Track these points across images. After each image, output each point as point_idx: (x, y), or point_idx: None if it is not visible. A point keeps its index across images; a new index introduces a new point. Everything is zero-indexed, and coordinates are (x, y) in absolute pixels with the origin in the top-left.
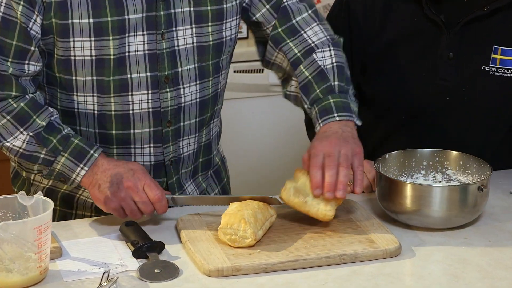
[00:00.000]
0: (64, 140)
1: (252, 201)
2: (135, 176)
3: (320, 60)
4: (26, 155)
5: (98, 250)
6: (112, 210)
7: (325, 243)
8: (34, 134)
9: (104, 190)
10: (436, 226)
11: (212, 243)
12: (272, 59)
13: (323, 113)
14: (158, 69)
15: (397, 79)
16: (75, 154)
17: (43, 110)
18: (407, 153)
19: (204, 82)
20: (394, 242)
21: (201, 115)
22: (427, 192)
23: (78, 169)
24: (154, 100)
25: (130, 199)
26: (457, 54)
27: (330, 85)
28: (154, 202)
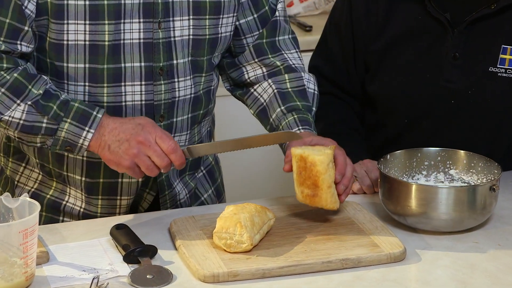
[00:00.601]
0: (64, 105)
1: (249, 204)
2: (145, 130)
3: (306, 81)
4: (27, 126)
5: (87, 254)
6: (127, 169)
7: (326, 247)
8: (32, 103)
9: (115, 150)
10: (443, 229)
11: (208, 247)
12: (242, 64)
13: (304, 122)
14: (153, 60)
15: (400, 79)
16: (78, 117)
17: (38, 78)
18: (410, 153)
19: (197, 77)
20: (398, 246)
21: (193, 111)
22: (434, 193)
23: (84, 133)
24: (147, 92)
25: (143, 154)
26: (463, 55)
27: (310, 106)
28: (169, 154)
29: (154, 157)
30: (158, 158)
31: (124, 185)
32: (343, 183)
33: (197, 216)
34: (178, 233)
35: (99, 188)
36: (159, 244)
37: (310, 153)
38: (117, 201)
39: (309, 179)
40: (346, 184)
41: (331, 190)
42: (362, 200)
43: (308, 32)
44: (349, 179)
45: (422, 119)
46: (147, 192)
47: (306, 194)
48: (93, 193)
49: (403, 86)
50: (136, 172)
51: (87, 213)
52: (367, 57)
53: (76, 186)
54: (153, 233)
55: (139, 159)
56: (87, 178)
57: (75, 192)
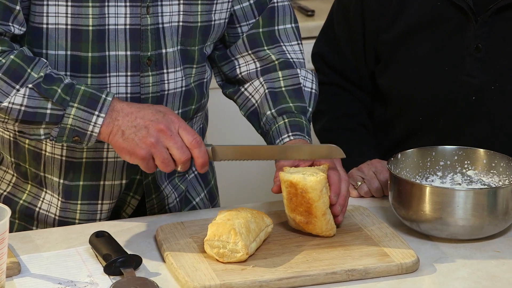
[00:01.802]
0: (69, 89)
1: (245, 209)
2: (167, 118)
3: (302, 78)
4: (30, 114)
5: (64, 265)
6: (141, 159)
7: (331, 257)
8: (34, 86)
9: (130, 137)
10: (460, 237)
11: (198, 257)
12: (235, 57)
13: (294, 128)
14: (140, 48)
15: (415, 73)
16: (86, 101)
17: (37, 61)
18: (423, 152)
19: (187, 68)
20: (411, 256)
21: (184, 106)
22: (450, 197)
23: (94, 118)
24: (133, 84)
25: (162, 145)
26: (486, 46)
27: (305, 107)
28: (192, 148)
29: (174, 149)
30: (179, 151)
31: (106, 188)
32: (339, 203)
33: (187, 222)
34: (165, 241)
35: (78, 192)
36: (144, 254)
37: (300, 180)
38: (98, 206)
39: (301, 206)
40: (342, 203)
41: (326, 217)
42: (370, 204)
43: (310, 17)
44: (345, 197)
45: (439, 117)
46: (131, 196)
47: (299, 221)
48: (71, 197)
49: (419, 80)
50: (149, 164)
51: (63, 221)
52: (379, 47)
53: (53, 190)
54: (138, 241)
55: (156, 150)
56: (65, 181)
57: (51, 197)
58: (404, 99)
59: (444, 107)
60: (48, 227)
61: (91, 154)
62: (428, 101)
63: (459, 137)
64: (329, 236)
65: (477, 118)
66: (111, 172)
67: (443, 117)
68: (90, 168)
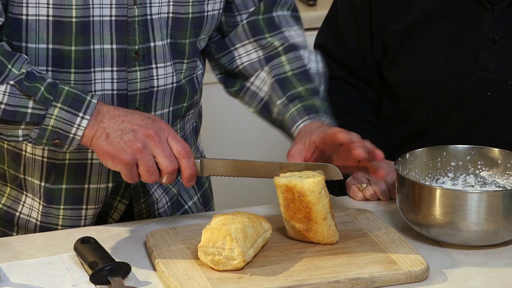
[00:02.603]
0: (52, 88)
1: (242, 213)
2: (156, 124)
3: (307, 60)
4: (10, 112)
5: (47, 274)
6: (125, 165)
7: (334, 264)
8: (15, 83)
9: (115, 140)
10: (473, 243)
11: (191, 265)
12: (234, 46)
13: (309, 111)
14: (127, 42)
15: (426, 66)
16: (69, 102)
17: (18, 57)
18: (433, 151)
19: (178, 63)
20: (420, 263)
21: (176, 103)
22: (462, 200)
23: (78, 120)
24: (120, 80)
25: (149, 151)
26: (503, 38)
27: (315, 88)
28: (180, 158)
29: (162, 157)
30: (166, 159)
31: (91, 192)
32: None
33: (179, 228)
34: (156, 248)
35: (61, 196)
36: (133, 261)
37: (297, 182)
38: (82, 211)
39: (299, 212)
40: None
41: (327, 222)
42: (377, 208)
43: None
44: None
45: (451, 114)
46: (117, 200)
47: (298, 230)
48: (53, 201)
49: (430, 74)
50: (133, 172)
51: (45, 227)
52: (387, 38)
53: (33, 193)
54: (126, 248)
55: (142, 156)
56: (47, 184)
57: (32, 201)
58: (413, 94)
59: (457, 103)
60: (29, 233)
61: (75, 156)
62: (440, 97)
63: (472, 135)
64: (331, 243)
65: (492, 115)
66: (96, 174)
67: (455, 113)
68: (73, 170)
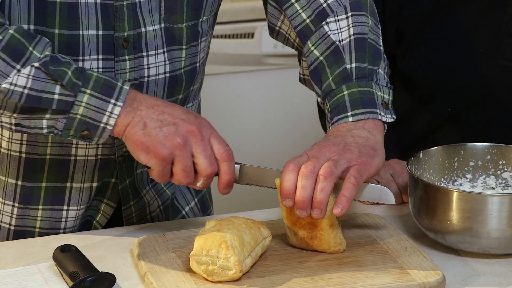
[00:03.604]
0: (80, 73)
1: (238, 218)
2: (200, 120)
3: (334, 34)
4: (34, 98)
5: (23, 285)
6: (160, 160)
7: (340, 275)
8: (40, 65)
9: (154, 131)
10: (494, 251)
11: (183, 275)
12: (277, 26)
13: (334, 112)
14: (114, 28)
15: (444, 55)
16: (100, 88)
17: (39, 39)
18: (450, 150)
19: (174, 51)
20: (435, 274)
21: (170, 95)
22: (482, 203)
23: (110, 107)
24: (107, 69)
25: (189, 149)
26: None
27: (345, 69)
28: (222, 160)
29: (201, 157)
30: (207, 160)
31: (74, 192)
32: (297, 207)
33: (169, 234)
34: (143, 257)
35: (40, 195)
36: (118, 272)
37: None
38: (63, 212)
39: (303, 218)
40: (301, 206)
41: (334, 229)
42: (387, 212)
43: None
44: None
45: (470, 108)
46: (104, 202)
47: (301, 237)
48: (31, 202)
49: (448, 63)
50: (166, 170)
51: (20, 231)
52: (401, 24)
53: (5, 195)
54: (111, 257)
55: (181, 153)
56: (24, 182)
57: (1, 205)
58: (430, 86)
59: (478, 97)
60: (1, 241)
61: (57, 150)
62: (459, 89)
63: (493, 132)
64: (338, 252)
65: None
66: (80, 172)
67: (475, 108)
68: (55, 167)
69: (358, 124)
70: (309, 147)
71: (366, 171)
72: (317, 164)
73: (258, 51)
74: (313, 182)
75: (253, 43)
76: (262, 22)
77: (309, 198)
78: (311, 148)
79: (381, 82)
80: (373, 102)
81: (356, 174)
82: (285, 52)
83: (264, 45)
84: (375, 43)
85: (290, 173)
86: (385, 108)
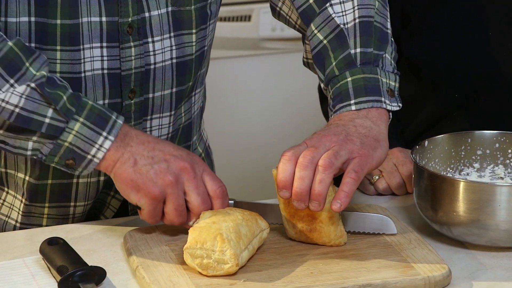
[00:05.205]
0: (75, 99)
1: (234, 210)
2: (192, 157)
3: (339, 16)
4: (24, 118)
5: (8, 280)
6: (151, 199)
7: (341, 269)
8: (37, 86)
9: (144, 168)
10: (502, 244)
11: (176, 269)
12: (277, 6)
13: (337, 100)
14: (118, 13)
15: (451, 39)
16: (93, 118)
17: (37, 56)
18: (456, 138)
19: (182, 35)
20: (441, 268)
21: (180, 84)
22: (490, 194)
23: (101, 139)
24: (112, 58)
25: (181, 187)
26: None
27: (349, 54)
28: (215, 197)
29: (194, 195)
30: (199, 198)
31: (81, 187)
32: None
33: (162, 227)
34: (135, 250)
35: (46, 192)
36: (108, 265)
37: None
38: (70, 209)
39: (302, 210)
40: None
41: (334, 221)
42: (390, 203)
43: None
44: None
45: (478, 95)
46: (111, 195)
47: (299, 230)
48: (37, 199)
49: (455, 48)
50: (157, 210)
51: (26, 229)
52: (407, 7)
53: (16, 189)
54: (100, 250)
55: (173, 191)
56: (31, 178)
57: (13, 199)
58: (435, 72)
59: (486, 83)
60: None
61: None
62: (466, 75)
63: (502, 120)
64: (338, 245)
65: None
66: None
67: (484, 94)
68: None
69: (361, 113)
70: (309, 136)
71: (367, 164)
72: (316, 154)
73: (256, 34)
74: (312, 173)
75: (250, 26)
76: (260, 4)
77: (307, 189)
78: (310, 137)
79: (387, 68)
80: (377, 90)
81: (357, 168)
82: (284, 36)
83: (261, 29)
84: (382, 26)
85: (288, 163)
86: (391, 95)
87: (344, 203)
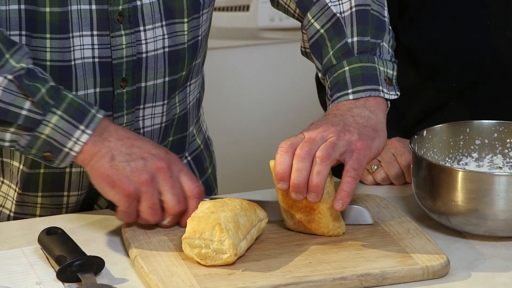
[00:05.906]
0: (55, 92)
1: (233, 200)
2: (170, 156)
3: (335, 5)
4: (1, 110)
5: (6, 270)
6: (125, 196)
7: (339, 258)
8: (14, 78)
9: (121, 165)
10: (501, 234)
11: (175, 259)
12: None
13: (334, 89)
14: (108, 1)
15: (449, 27)
16: (72, 111)
17: (18, 48)
18: (455, 128)
19: (175, 24)
20: (439, 257)
21: (172, 72)
22: (489, 184)
23: (78, 133)
24: (102, 46)
25: (156, 186)
26: None
27: (346, 43)
28: (192, 197)
29: (169, 195)
30: (175, 198)
31: (74, 176)
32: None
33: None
34: (133, 240)
35: (38, 181)
36: (107, 255)
37: None
38: (64, 199)
39: (300, 201)
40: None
41: (333, 211)
42: (389, 193)
43: None
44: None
45: (477, 84)
46: None
47: (298, 220)
48: (30, 188)
49: (453, 36)
50: (131, 207)
51: (19, 218)
52: None
53: (11, 178)
54: (99, 240)
55: (147, 190)
56: (24, 167)
57: (8, 188)
58: (434, 61)
59: (484, 72)
60: None
61: None
62: (465, 64)
63: (501, 109)
64: (337, 235)
65: None
66: None
67: (482, 83)
68: None
69: (359, 102)
70: (306, 126)
71: (365, 157)
72: (313, 146)
73: (254, 24)
74: (309, 164)
75: (248, 16)
76: None
77: (304, 181)
78: (308, 128)
79: (385, 57)
80: (375, 78)
81: (356, 165)
82: (282, 26)
83: (260, 18)
84: (378, 14)
85: (285, 154)
86: (389, 84)
87: (345, 203)
